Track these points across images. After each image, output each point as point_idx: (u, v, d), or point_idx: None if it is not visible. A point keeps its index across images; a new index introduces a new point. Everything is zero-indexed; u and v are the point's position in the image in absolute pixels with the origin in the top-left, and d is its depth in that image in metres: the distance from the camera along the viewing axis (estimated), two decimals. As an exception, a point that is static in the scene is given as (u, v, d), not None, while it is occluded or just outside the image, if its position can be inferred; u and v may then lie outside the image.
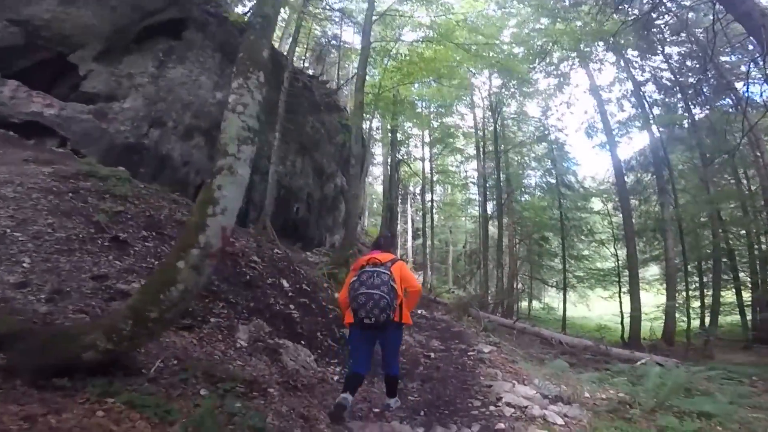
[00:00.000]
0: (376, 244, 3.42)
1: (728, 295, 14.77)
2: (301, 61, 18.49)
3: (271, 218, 9.85)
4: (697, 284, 13.63)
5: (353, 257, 7.80)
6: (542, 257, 18.35)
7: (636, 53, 14.98)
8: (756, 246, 12.31)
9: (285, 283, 5.23)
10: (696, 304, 13.49)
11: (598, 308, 20.62)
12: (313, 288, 5.73)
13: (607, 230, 16.91)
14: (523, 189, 19.08)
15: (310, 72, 15.54)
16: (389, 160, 21.48)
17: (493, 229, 20.29)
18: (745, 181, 13.25)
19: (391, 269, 2.95)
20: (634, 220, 15.00)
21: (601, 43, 14.11)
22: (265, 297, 4.66)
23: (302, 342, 4.26)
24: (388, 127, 20.41)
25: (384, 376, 3.35)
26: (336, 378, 3.87)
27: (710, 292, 15.26)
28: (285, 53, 11.59)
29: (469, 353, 5.23)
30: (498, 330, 8.71)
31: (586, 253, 17.53)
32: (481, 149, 19.26)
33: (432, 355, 5.21)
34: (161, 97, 8.22)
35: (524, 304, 20.18)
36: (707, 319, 12.90)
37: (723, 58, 12.33)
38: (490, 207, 19.20)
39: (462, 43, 12.29)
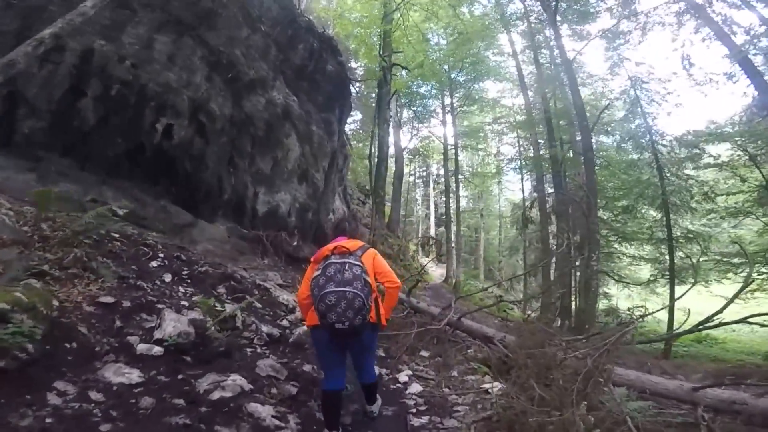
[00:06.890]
0: (339, 229, 2.80)
1: None
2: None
3: (93, 140, 4.73)
4: None
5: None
6: (623, 238, 12.16)
7: None
8: None
9: None
10: None
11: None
12: None
13: (741, 192, 10.28)
14: (606, 127, 12.86)
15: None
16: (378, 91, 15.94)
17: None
18: None
19: (362, 259, 2.27)
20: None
21: None
22: None
23: None
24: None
25: (360, 386, 2.64)
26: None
27: None
28: None
29: None
30: None
31: (696, 227, 11.15)
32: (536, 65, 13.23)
33: None
34: None
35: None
36: None
37: None
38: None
39: None
